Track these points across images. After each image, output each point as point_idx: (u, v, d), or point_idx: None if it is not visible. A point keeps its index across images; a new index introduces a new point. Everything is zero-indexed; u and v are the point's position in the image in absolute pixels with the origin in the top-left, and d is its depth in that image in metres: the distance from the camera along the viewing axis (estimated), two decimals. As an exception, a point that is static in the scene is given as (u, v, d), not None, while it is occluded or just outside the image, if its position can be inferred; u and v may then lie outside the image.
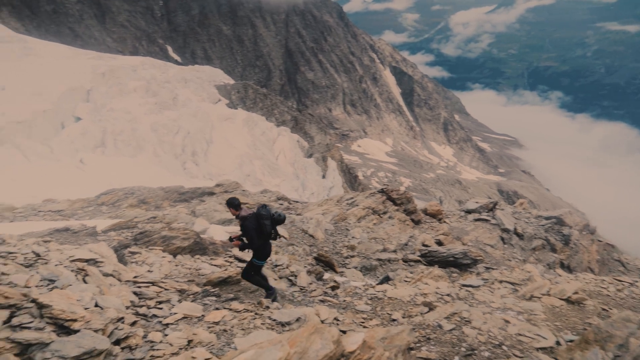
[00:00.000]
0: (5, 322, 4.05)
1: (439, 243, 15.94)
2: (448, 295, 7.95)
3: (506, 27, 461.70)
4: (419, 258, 13.54)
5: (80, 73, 47.28)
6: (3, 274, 4.63)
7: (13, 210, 13.47)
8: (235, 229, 13.02)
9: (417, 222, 17.78)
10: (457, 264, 12.84)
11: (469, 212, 19.95)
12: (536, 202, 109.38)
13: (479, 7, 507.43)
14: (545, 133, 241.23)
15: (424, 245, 15.23)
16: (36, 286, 4.78)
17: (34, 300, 4.35)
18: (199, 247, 9.15)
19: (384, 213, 17.15)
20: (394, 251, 14.36)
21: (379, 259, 13.38)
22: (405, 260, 13.55)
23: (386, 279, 10.96)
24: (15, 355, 3.81)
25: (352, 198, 18.03)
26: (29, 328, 4.09)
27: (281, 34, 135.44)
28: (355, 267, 12.69)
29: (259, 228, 6.79)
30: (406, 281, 10.02)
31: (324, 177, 57.99)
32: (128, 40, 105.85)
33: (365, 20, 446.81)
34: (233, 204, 6.94)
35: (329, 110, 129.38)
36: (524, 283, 9.11)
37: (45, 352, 3.93)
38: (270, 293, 7.28)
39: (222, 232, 12.41)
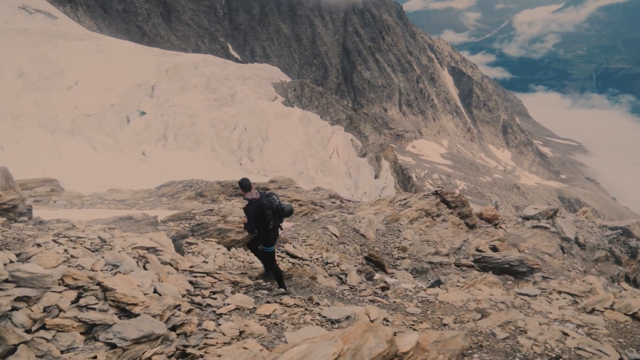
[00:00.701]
0: (73, 302, 4.31)
1: (494, 249, 15.46)
2: (502, 303, 7.69)
3: (574, 27, 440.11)
4: (472, 263, 13.19)
5: (146, 69, 49.38)
6: (72, 257, 4.93)
7: (82, 198, 14.30)
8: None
9: (471, 227, 17.33)
10: (513, 272, 12.40)
11: (526, 218, 19.22)
12: (600, 212, 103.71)
13: (545, 5, 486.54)
14: (614, 139, 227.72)
15: (477, 250, 14.82)
16: (101, 270, 5.05)
17: (99, 284, 4.60)
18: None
19: (438, 216, 16.83)
20: (447, 255, 14.06)
21: (430, 262, 13.15)
22: (457, 265, 13.25)
23: (437, 283, 10.75)
24: (81, 333, 4.05)
25: (405, 199, 17.81)
26: (94, 309, 4.33)
27: (339, 33, 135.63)
28: (406, 269, 12.54)
29: (259, 215, 6.76)
30: (458, 286, 9.80)
31: (376, 177, 57.63)
32: (191, 38, 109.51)
33: (425, 19, 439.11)
34: (242, 185, 6.87)
35: (384, 110, 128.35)
36: (584, 295, 8.67)
37: (108, 332, 4.14)
38: (284, 290, 7.13)
39: (275, 227, 12.59)
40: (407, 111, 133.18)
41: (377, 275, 10.76)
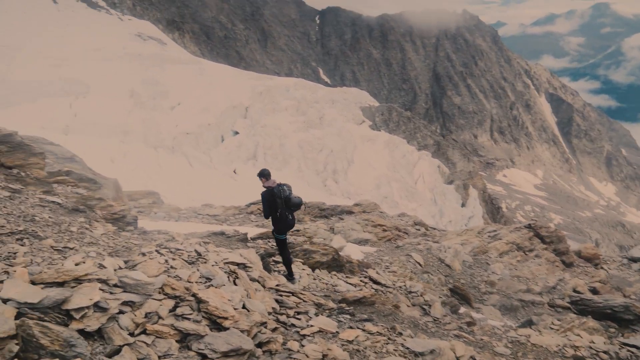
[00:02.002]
0: (170, 311, 4.58)
1: (594, 291, 14.22)
2: (605, 352, 7.04)
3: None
4: (568, 305, 12.21)
5: (241, 92, 52.11)
6: (172, 267, 5.26)
7: (179, 211, 15.27)
8: (370, 249, 13.12)
9: (568, 265, 16.11)
10: (616, 319, 11.29)
11: (633, 260, 17.50)
12: None
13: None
14: None
15: (575, 291, 13.71)
16: (196, 282, 5.33)
17: (194, 295, 4.85)
18: (336, 263, 9.39)
19: (530, 250, 15.86)
20: (539, 293, 13.17)
21: (521, 300, 12.38)
22: (551, 305, 12.34)
23: (529, 323, 10.08)
24: (176, 341, 4.28)
25: (494, 231, 17.01)
26: (188, 319, 4.56)
27: (430, 58, 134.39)
28: (494, 305, 11.89)
29: (272, 203, 7.46)
30: (553, 329, 9.10)
31: (463, 205, 55.65)
32: (285, 63, 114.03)
33: (522, 44, 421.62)
34: (263, 174, 7.69)
35: (474, 137, 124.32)
36: None
37: (200, 343, 4.34)
38: (291, 279, 7.82)
39: (358, 251, 12.59)
40: (499, 138, 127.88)
41: (462, 309, 10.32)
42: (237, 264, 6.51)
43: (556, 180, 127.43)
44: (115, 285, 4.45)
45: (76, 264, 4.50)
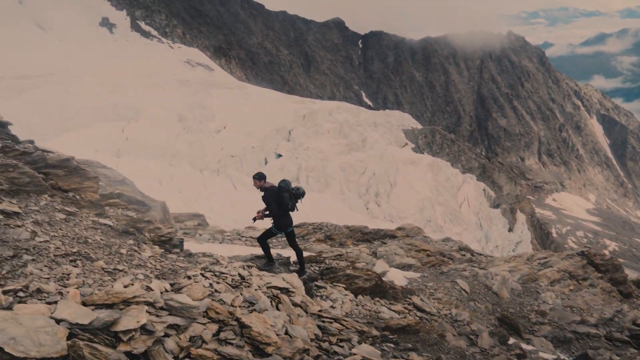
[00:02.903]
0: (214, 335, 4.60)
1: (656, 325, 13.30)
2: (670, 394, 6.52)
3: None
4: (628, 339, 11.48)
5: (285, 115, 52.99)
6: (216, 291, 5.30)
7: (223, 233, 15.50)
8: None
9: (626, 295, 15.19)
10: (682, 356, 10.51)
11: (699, 292, 16.32)
12: None
13: None
14: None
15: (635, 324, 12.88)
16: (239, 306, 5.34)
17: (237, 320, 4.86)
18: (379, 289, 9.23)
19: (584, 279, 15.09)
20: (595, 325, 12.44)
21: (575, 332, 11.73)
22: (609, 339, 11.62)
23: (584, 357, 9.52)
24: (219, 367, 4.28)
25: (545, 258, 16.32)
26: (231, 344, 4.57)
27: (474, 80, 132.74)
28: (545, 337, 11.32)
29: (278, 199, 7.73)
30: (611, 365, 8.56)
31: (510, 230, 53.88)
32: (327, 86, 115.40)
33: (571, 64, 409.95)
34: (260, 176, 7.95)
35: (521, 160, 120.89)
36: None
37: (242, 369, 4.33)
38: (271, 264, 8.27)
39: (402, 277, 12.34)
40: (548, 161, 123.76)
41: (511, 340, 9.88)
42: (280, 289, 6.50)
43: (610, 205, 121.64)
44: (161, 308, 4.52)
45: (125, 286, 4.61)
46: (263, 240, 8.37)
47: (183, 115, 46.07)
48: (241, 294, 5.63)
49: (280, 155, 46.27)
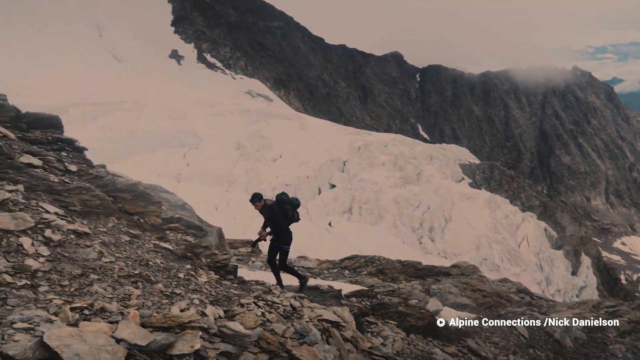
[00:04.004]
0: (264, 366, 4.59)
1: None
2: None
3: None
4: None
5: (340, 146, 53.42)
6: (268, 321, 5.33)
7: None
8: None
9: None
10: None
11: None
12: None
13: None
14: None
15: None
16: (290, 338, 5.33)
17: (287, 351, 4.85)
18: (432, 329, 8.92)
19: (658, 333, 13.90)
20: (670, 386, 11.39)
21: (647, 391, 10.79)
22: (687, 402, 10.59)
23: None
24: (269, 399, 4.26)
25: (613, 306, 15.22)
26: (281, 376, 4.54)
27: (536, 115, 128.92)
28: (613, 394, 10.48)
29: (284, 213, 7.83)
30: None
31: (574, 273, 50.89)
32: (383, 119, 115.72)
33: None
34: (258, 197, 7.95)
35: (586, 200, 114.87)
36: None
37: (291, 403, 4.28)
38: (281, 285, 8.18)
39: (456, 316, 11.89)
40: (616, 202, 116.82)
41: (575, 394, 9.21)
42: (331, 322, 6.44)
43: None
44: (214, 335, 4.59)
45: (181, 310, 4.72)
46: (286, 264, 8.47)
47: (241, 144, 47.48)
48: (292, 325, 5.62)
49: (334, 186, 46.46)
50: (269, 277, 10.29)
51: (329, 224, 40.34)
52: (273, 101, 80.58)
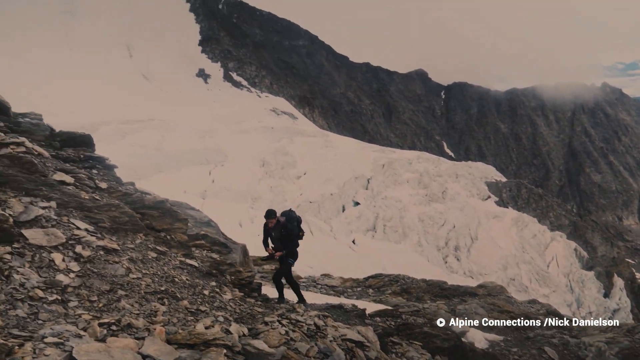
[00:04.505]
0: (287, 385, 4.57)
1: None
2: None
3: None
4: None
5: (364, 164, 53.34)
6: (292, 339, 5.31)
7: (298, 280, 15.61)
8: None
9: None
10: None
11: None
12: None
13: None
14: None
15: None
16: (314, 357, 5.29)
17: (311, 371, 4.81)
18: (458, 351, 8.74)
19: (697, 360, 13.28)
20: None
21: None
22: None
23: None
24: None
25: (648, 331, 14.64)
26: (304, 396, 4.50)
27: (564, 133, 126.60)
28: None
29: (297, 230, 8.06)
30: None
31: (606, 296, 49.17)
32: (408, 136, 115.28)
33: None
34: (274, 214, 7.93)
35: (618, 219, 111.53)
36: None
37: None
38: (282, 300, 7.97)
39: (483, 338, 11.63)
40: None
41: (609, 423, 8.85)
42: (355, 342, 6.38)
43: None
44: (238, 353, 4.59)
45: (206, 327, 4.75)
46: (292, 280, 8.42)
47: (266, 161, 47.89)
48: (316, 344, 5.59)
49: (358, 203, 46.29)
50: (292, 295, 10.28)
51: (353, 242, 40.11)
52: (297, 119, 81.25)
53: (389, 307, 10.85)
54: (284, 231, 7.92)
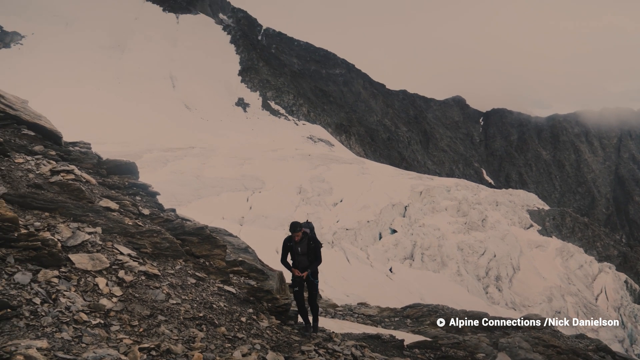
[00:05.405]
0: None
1: None
2: None
3: None
4: None
5: (401, 191, 52.85)
6: (328, 370, 5.24)
7: (335, 308, 15.43)
8: None
9: None
10: None
11: None
12: None
13: None
14: None
15: None
16: (351, 389, 5.19)
17: (348, 403, 4.70)
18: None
19: None
20: None
21: None
22: None
23: None
24: None
25: None
26: None
27: (610, 160, 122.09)
28: None
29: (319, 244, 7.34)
30: None
31: (662, 332, 46.21)
32: (446, 163, 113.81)
33: None
34: (300, 226, 7.37)
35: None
36: None
37: None
38: (309, 326, 7.24)
39: (527, 375, 11.09)
40: None
41: None
42: (393, 374, 6.22)
43: None
44: (275, 382, 4.56)
45: (243, 355, 4.75)
46: (316, 303, 7.72)
47: (303, 188, 48.17)
48: (353, 376, 5.49)
49: (395, 231, 45.71)
50: (329, 324, 10.16)
51: (390, 270, 39.46)
52: (334, 146, 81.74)
53: (428, 339, 10.55)
54: (312, 243, 7.19)
